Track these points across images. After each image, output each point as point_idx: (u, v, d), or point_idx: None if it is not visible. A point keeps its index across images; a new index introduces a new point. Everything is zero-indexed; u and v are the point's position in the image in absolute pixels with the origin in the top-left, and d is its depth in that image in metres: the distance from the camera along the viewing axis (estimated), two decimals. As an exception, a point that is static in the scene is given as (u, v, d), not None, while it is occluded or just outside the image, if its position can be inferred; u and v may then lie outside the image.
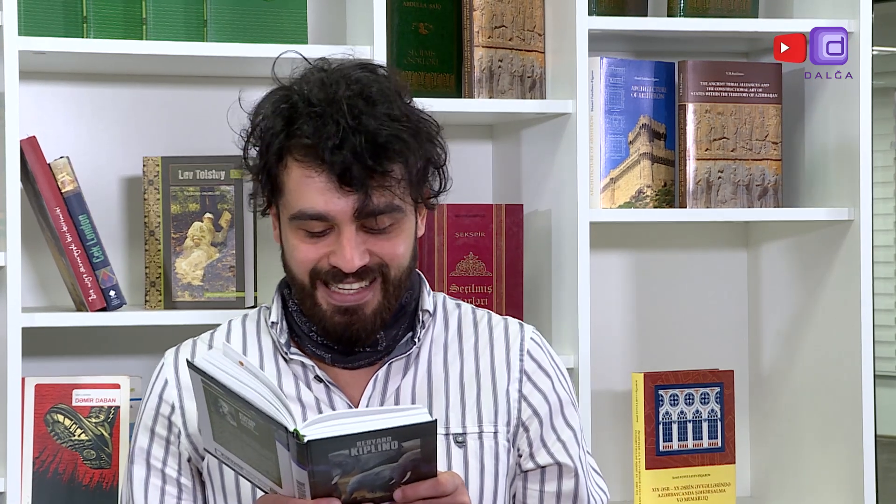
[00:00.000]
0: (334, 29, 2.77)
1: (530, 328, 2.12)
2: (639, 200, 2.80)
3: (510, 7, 2.74)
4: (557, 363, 2.12)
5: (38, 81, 2.72)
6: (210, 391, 1.81)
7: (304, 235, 1.97)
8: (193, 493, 2.06)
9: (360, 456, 1.76)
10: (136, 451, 2.08)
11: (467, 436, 2.03)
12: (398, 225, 1.97)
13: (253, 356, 2.07)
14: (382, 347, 2.04)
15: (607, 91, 2.76)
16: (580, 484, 2.06)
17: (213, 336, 2.13)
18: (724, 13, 2.83)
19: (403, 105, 1.97)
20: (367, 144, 1.90)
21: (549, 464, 2.06)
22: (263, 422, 1.76)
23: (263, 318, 2.11)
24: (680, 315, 3.05)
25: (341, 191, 1.92)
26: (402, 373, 2.05)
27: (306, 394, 2.03)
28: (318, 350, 2.04)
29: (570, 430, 2.08)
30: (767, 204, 2.85)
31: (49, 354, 2.72)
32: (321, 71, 1.99)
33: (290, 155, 1.95)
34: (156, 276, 2.61)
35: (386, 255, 1.97)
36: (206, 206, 2.61)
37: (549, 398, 2.07)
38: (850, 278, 2.80)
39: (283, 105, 1.97)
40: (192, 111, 2.80)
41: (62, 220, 2.51)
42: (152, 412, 2.08)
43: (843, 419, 2.81)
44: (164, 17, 2.56)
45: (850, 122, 2.79)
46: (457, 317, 2.11)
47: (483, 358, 2.07)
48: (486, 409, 2.05)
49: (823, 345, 2.87)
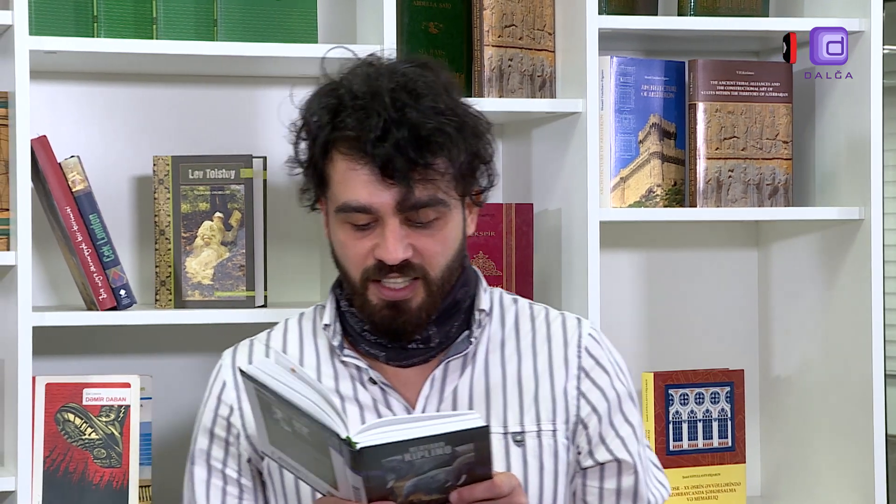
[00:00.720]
0: (344, 28, 2.77)
1: (588, 323, 2.11)
2: (649, 200, 2.79)
3: (520, 6, 2.74)
4: (616, 358, 2.11)
5: (49, 81, 2.72)
6: (263, 398, 1.81)
7: (350, 229, 1.96)
8: (254, 494, 2.06)
9: (414, 461, 1.75)
10: (197, 453, 2.08)
11: (526, 434, 2.02)
12: (442, 219, 1.96)
13: (310, 357, 2.07)
14: (435, 344, 2.02)
15: (617, 90, 2.76)
16: (640, 480, 2.05)
17: (270, 336, 2.12)
18: (734, 12, 2.83)
19: (450, 100, 1.96)
20: (410, 137, 1.90)
21: (609, 460, 2.05)
22: (317, 429, 1.76)
23: (319, 319, 2.10)
24: (690, 314, 3.04)
25: (384, 183, 1.92)
26: (458, 372, 2.03)
27: (363, 394, 2.03)
28: (372, 349, 2.03)
29: (628, 426, 2.07)
30: (778, 203, 2.85)
31: (59, 353, 2.72)
32: (369, 66, 1.99)
33: (335, 148, 1.96)
34: (166, 276, 2.62)
35: (428, 251, 1.95)
36: (217, 206, 2.61)
37: (608, 394, 2.06)
38: (861, 277, 2.79)
39: (329, 99, 1.97)
40: (202, 110, 2.81)
41: (73, 220, 2.51)
42: (211, 414, 2.08)
43: (854, 418, 2.81)
44: (174, 17, 2.56)
45: (860, 121, 2.79)
46: (513, 313, 2.09)
47: (541, 355, 2.06)
48: (545, 407, 2.03)
49: (834, 344, 2.87)
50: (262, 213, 2.63)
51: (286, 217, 2.83)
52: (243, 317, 2.60)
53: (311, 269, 2.86)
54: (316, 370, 2.05)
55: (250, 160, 2.62)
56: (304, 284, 2.85)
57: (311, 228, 2.86)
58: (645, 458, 2.10)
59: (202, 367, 2.81)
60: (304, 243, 2.85)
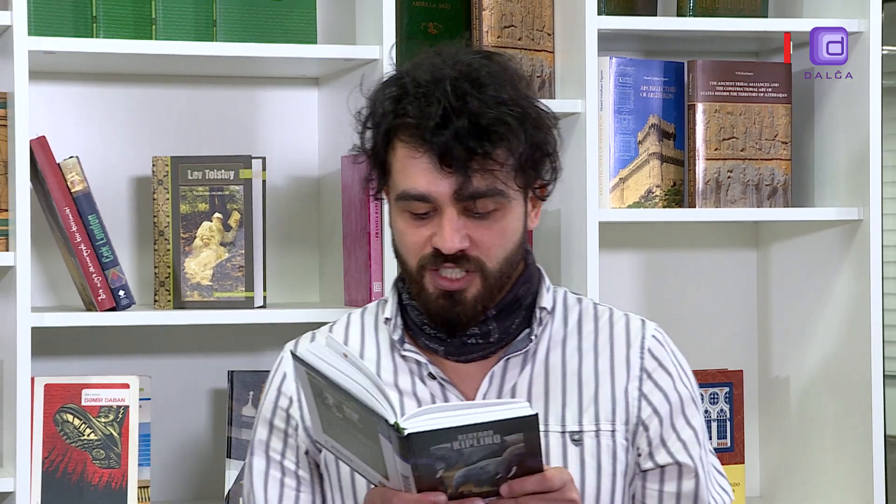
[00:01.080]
0: (344, 28, 2.77)
1: (652, 325, 2.08)
2: (648, 200, 2.80)
3: (519, 7, 2.74)
4: (680, 360, 2.08)
5: (48, 81, 2.72)
6: (315, 382, 1.81)
7: (409, 217, 1.95)
8: (311, 486, 2.05)
9: (463, 450, 1.74)
10: (256, 444, 2.07)
11: (584, 434, 2.00)
12: (501, 211, 1.94)
13: (370, 351, 2.06)
14: (494, 339, 2.01)
15: (617, 91, 2.76)
16: (700, 484, 2.02)
17: (333, 329, 2.10)
18: (733, 13, 2.83)
19: (514, 91, 1.94)
20: (470, 126, 1.89)
21: (669, 463, 2.02)
22: (366, 414, 1.76)
23: (381, 313, 2.09)
24: (689, 315, 3.05)
25: (442, 172, 1.90)
26: (518, 369, 2.02)
27: (422, 389, 2.02)
28: (432, 343, 2.02)
29: (690, 429, 2.04)
30: (777, 204, 2.85)
31: (58, 354, 2.72)
32: (436, 55, 1.97)
33: (396, 136, 1.94)
34: (165, 276, 2.62)
35: (485, 242, 1.94)
36: (216, 206, 2.61)
37: (670, 397, 2.03)
38: (860, 278, 2.79)
39: (393, 88, 1.96)
40: (201, 111, 2.81)
41: (72, 220, 2.51)
42: (271, 405, 2.07)
43: (853, 419, 2.81)
44: (173, 17, 2.56)
45: (860, 122, 2.79)
46: (577, 312, 2.07)
47: (602, 355, 2.04)
48: (604, 407, 2.01)
49: (833, 345, 2.87)
50: (262, 214, 2.63)
51: (285, 218, 2.83)
52: (242, 317, 2.60)
53: (310, 270, 2.86)
54: (376, 364, 2.04)
55: (249, 161, 2.62)
56: (304, 285, 2.85)
57: (310, 229, 2.86)
58: (707, 462, 2.06)
59: (201, 368, 2.81)
60: (304, 244, 2.85)
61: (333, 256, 2.76)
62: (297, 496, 2.04)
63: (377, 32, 2.60)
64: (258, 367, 2.79)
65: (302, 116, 2.85)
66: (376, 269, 2.58)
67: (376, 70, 2.58)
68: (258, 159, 2.63)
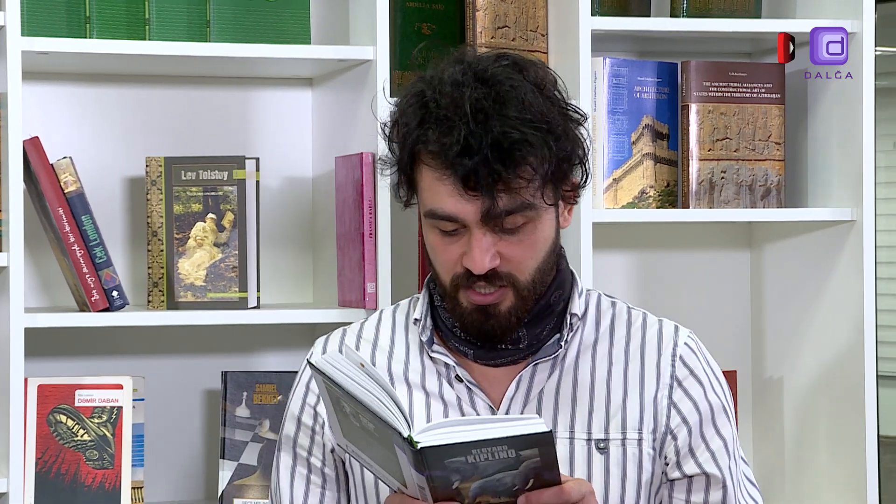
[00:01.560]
0: (337, 29, 2.77)
1: (686, 332, 2.06)
2: (642, 201, 2.80)
3: (513, 7, 2.74)
4: (713, 368, 2.05)
5: (41, 82, 2.72)
6: (332, 391, 1.81)
7: (439, 234, 1.94)
8: (337, 485, 2.04)
9: (478, 463, 1.74)
10: (284, 439, 2.06)
11: (610, 442, 1.98)
12: (531, 223, 1.92)
13: (400, 350, 2.05)
14: (524, 345, 1.99)
15: (610, 91, 2.76)
16: (728, 496, 2.00)
17: (364, 326, 2.09)
18: (726, 13, 2.83)
19: (539, 102, 1.91)
20: (492, 149, 1.87)
21: (696, 474, 1.99)
22: (381, 425, 1.76)
23: (412, 312, 2.08)
24: (683, 315, 3.04)
25: (467, 195, 1.89)
26: (546, 374, 2.00)
27: (448, 392, 2.01)
28: (461, 346, 2.01)
29: (720, 439, 2.01)
30: (770, 204, 2.85)
31: (52, 355, 2.72)
32: (458, 63, 1.95)
33: (420, 156, 1.93)
34: (158, 277, 2.61)
35: (515, 257, 1.93)
36: (209, 207, 2.61)
37: (700, 406, 2.01)
38: (853, 279, 2.79)
39: (416, 104, 1.94)
40: (194, 111, 2.80)
41: (65, 221, 2.51)
42: (299, 401, 2.06)
43: (847, 420, 2.81)
44: (166, 18, 2.56)
45: (853, 123, 2.79)
46: (610, 316, 2.05)
47: (633, 362, 2.02)
48: (632, 415, 1.99)
49: (826, 345, 2.87)
50: (255, 215, 2.63)
51: (279, 218, 2.83)
52: (236, 318, 2.59)
53: (303, 271, 2.86)
54: (404, 364, 2.03)
55: (243, 161, 2.61)
56: (297, 286, 2.85)
57: (304, 229, 2.86)
58: (737, 472, 2.03)
59: (195, 369, 2.81)
60: (297, 244, 2.85)
61: (327, 257, 2.76)
62: (323, 493, 2.03)
63: (371, 33, 2.60)
64: (252, 368, 2.79)
65: (296, 117, 2.85)
66: (370, 270, 2.58)
67: (370, 71, 2.58)
68: (252, 160, 2.63)
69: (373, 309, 2.55)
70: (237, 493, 2.64)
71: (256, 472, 2.63)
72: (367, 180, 2.56)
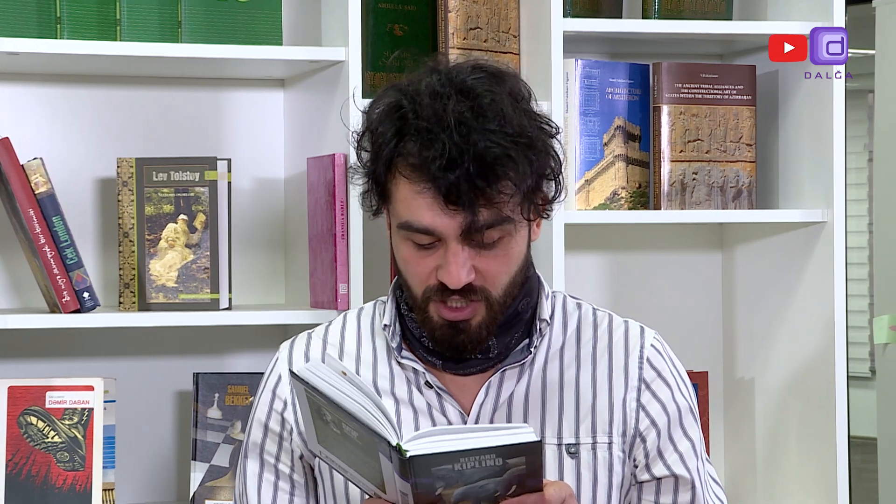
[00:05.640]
0: (309, 30, 2.77)
1: (651, 333, 2.06)
2: (613, 202, 2.80)
3: (485, 9, 2.74)
4: (678, 370, 2.06)
5: (12, 82, 2.71)
6: (313, 400, 1.80)
7: (412, 246, 1.92)
8: (306, 490, 2.03)
9: (464, 471, 1.74)
10: (250, 446, 2.04)
11: (580, 446, 1.98)
12: (507, 238, 1.92)
13: (367, 355, 2.04)
14: (494, 354, 1.99)
15: (582, 93, 2.76)
16: (697, 496, 2.01)
17: (328, 331, 2.07)
18: (698, 15, 2.84)
19: (518, 115, 1.91)
20: (475, 164, 1.85)
21: (665, 476, 2.00)
22: (366, 433, 1.76)
23: (378, 317, 2.07)
24: (654, 316, 3.05)
25: (447, 210, 1.88)
26: (515, 380, 2.00)
27: (418, 399, 2.00)
28: (430, 356, 2.00)
29: (688, 440, 2.02)
30: (741, 206, 2.86)
31: (22, 356, 2.71)
32: (435, 73, 1.93)
33: (398, 167, 1.91)
34: (130, 278, 2.61)
35: (490, 272, 1.92)
36: (181, 208, 2.60)
37: (668, 408, 2.01)
38: (824, 280, 2.81)
39: (394, 114, 1.91)
40: (166, 112, 2.80)
41: (35, 222, 2.50)
42: (266, 408, 2.04)
43: (817, 420, 2.82)
44: (138, 19, 2.55)
45: (823, 124, 2.81)
46: (576, 319, 2.06)
47: (601, 364, 2.02)
48: (601, 418, 1.99)
49: (797, 346, 2.88)
50: (227, 216, 2.62)
51: (251, 219, 2.83)
52: (207, 319, 2.59)
53: (275, 272, 2.85)
54: (372, 369, 2.02)
55: (215, 162, 2.61)
56: (269, 287, 2.85)
57: (276, 231, 2.86)
58: (704, 473, 2.04)
59: (166, 370, 2.80)
60: (269, 245, 2.85)
61: (299, 258, 2.76)
62: (291, 499, 2.02)
63: (343, 34, 2.60)
64: (223, 369, 2.78)
65: (267, 118, 2.85)
66: (342, 271, 2.58)
67: (342, 72, 2.58)
68: (223, 161, 2.63)
69: (345, 310, 2.54)
70: (209, 494, 2.63)
71: (228, 473, 2.63)
72: (339, 181, 2.56)
